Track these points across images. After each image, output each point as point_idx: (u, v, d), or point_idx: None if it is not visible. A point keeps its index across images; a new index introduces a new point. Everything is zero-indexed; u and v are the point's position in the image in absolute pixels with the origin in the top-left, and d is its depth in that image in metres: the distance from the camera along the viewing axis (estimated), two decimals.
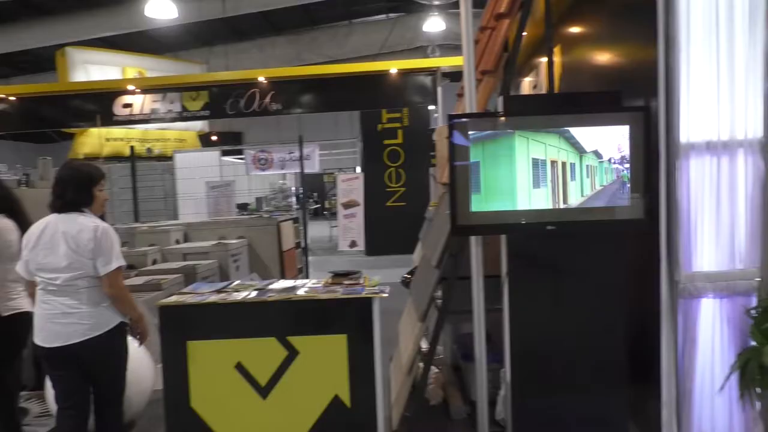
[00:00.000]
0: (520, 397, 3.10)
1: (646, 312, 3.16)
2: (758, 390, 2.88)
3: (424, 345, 3.89)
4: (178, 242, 7.27)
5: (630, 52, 3.57)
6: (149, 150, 12.80)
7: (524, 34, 4.74)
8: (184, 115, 9.05)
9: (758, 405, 2.96)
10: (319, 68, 10.25)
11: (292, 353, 3.22)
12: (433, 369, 3.99)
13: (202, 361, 3.22)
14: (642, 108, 3.01)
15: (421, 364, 3.66)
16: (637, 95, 3.19)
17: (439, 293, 3.56)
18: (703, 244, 2.97)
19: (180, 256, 6.53)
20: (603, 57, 4.02)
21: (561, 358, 3.09)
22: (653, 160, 2.98)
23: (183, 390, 3.21)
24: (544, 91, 4.63)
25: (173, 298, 3.33)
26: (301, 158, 9.76)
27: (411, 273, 5.13)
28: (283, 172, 11.89)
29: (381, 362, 3.21)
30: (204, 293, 3.39)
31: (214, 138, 17.17)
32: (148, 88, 9.10)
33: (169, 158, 11.59)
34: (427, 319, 3.61)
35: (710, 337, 2.98)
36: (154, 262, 6.39)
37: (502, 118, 3.07)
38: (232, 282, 3.71)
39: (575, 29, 4.52)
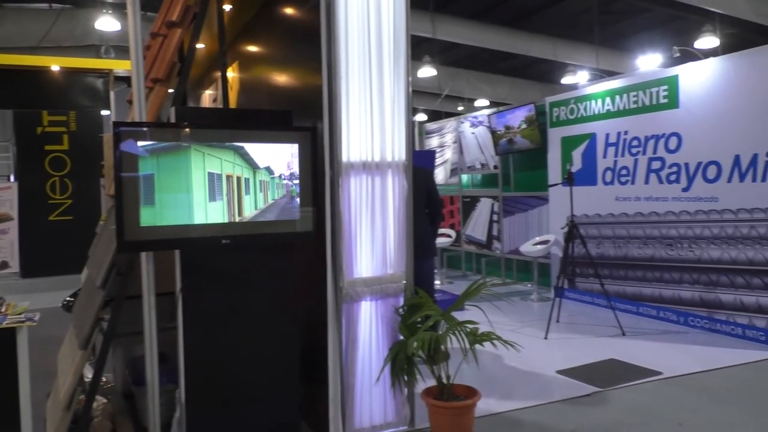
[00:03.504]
0: (195, 416, 3.02)
1: (315, 317, 3.39)
2: (405, 378, 3.35)
3: (90, 374, 3.49)
4: None
5: (300, 76, 3.82)
6: None
7: (202, 46, 4.70)
8: None
9: (406, 391, 3.44)
10: None
11: None
12: (101, 399, 3.61)
13: None
14: (309, 128, 3.24)
15: (84, 396, 3.28)
16: (307, 116, 3.43)
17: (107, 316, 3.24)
18: (362, 252, 3.34)
19: None
20: (277, 77, 4.22)
21: (237, 370, 3.11)
22: (320, 177, 3.23)
23: None
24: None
25: None
26: None
27: (75, 295, 4.57)
28: None
29: (30, 401, 2.78)
30: None
31: None
32: None
33: None
34: (91, 346, 3.25)
35: (368, 335, 3.36)
36: None
37: (185, 130, 2.96)
38: None
39: (252, 48, 4.66)
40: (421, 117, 19.00)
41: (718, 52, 9.71)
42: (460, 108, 20.40)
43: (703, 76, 5.60)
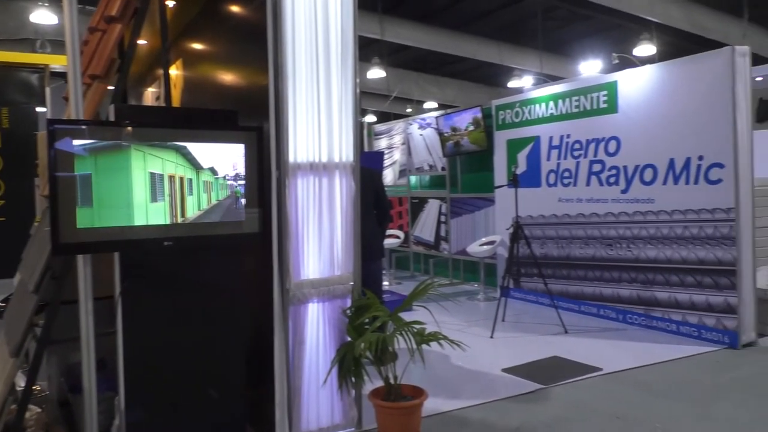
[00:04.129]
0: (136, 423, 2.93)
1: (263, 320, 3.34)
2: (353, 379, 3.34)
3: (23, 383, 3.34)
4: None
5: (246, 75, 3.77)
6: None
7: (144, 42, 4.57)
8: None
9: (353, 392, 3.43)
10: None
11: None
12: (34, 409, 3.46)
13: None
14: (255, 128, 3.19)
15: (15, 406, 3.13)
16: (253, 116, 3.37)
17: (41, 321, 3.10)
18: (309, 254, 3.31)
19: None
20: (222, 76, 4.14)
21: (180, 375, 3.04)
22: (266, 178, 3.19)
23: None
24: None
25: None
26: None
27: (6, 301, 4.36)
28: None
29: None
30: None
31: None
32: None
33: None
34: (24, 353, 3.11)
35: (315, 337, 3.33)
36: None
37: (127, 129, 2.87)
38: None
39: (197, 45, 4.56)
40: (370, 118, 19.05)
41: (655, 60, 10.11)
42: (409, 110, 20.55)
43: (640, 83, 5.83)
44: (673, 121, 5.50)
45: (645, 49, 12.29)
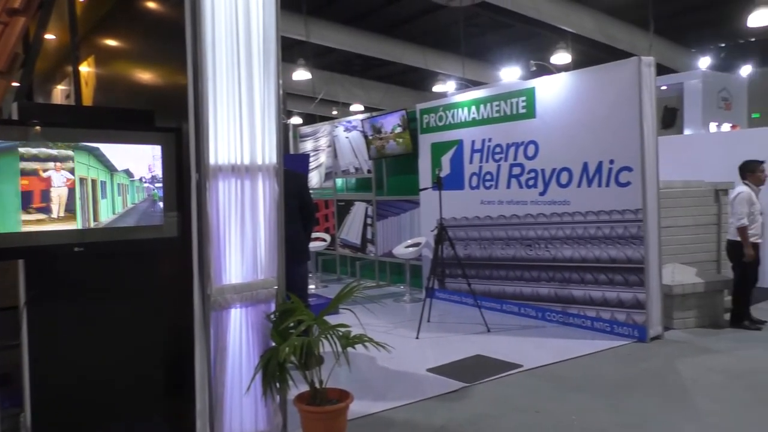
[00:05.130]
0: None
1: (183, 327, 3.23)
2: (278, 385, 3.29)
3: None
4: None
5: (164, 74, 3.64)
6: None
7: (52, 37, 4.33)
8: None
9: (278, 398, 3.38)
10: None
11: None
12: None
13: None
14: (174, 129, 3.09)
15: None
16: (171, 117, 3.26)
17: None
18: (231, 258, 3.23)
19: None
20: (138, 74, 3.99)
21: (93, 388, 2.89)
22: (185, 180, 3.09)
23: None
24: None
25: None
26: None
27: None
28: None
29: None
30: None
31: None
32: None
33: None
34: None
35: (238, 343, 3.25)
36: None
37: (35, 128, 2.70)
38: None
39: (110, 42, 4.36)
40: (296, 120, 18.88)
41: (570, 68, 10.59)
42: (335, 112, 20.52)
43: (556, 89, 6.08)
44: (587, 126, 5.77)
45: (561, 57, 12.85)
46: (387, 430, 3.64)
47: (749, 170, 5.87)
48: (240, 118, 3.21)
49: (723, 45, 17.50)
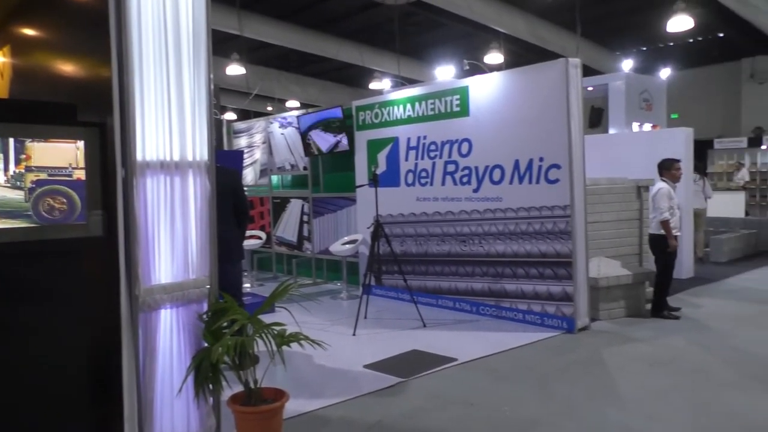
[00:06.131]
0: None
1: (109, 330, 3.10)
2: (211, 386, 3.22)
3: None
4: None
5: (87, 66, 3.47)
6: None
7: None
8: None
9: (211, 400, 3.30)
10: None
11: None
12: None
13: None
14: (98, 124, 2.96)
15: None
16: (95, 111, 3.12)
17: None
18: (161, 257, 3.12)
19: None
20: (59, 66, 3.79)
21: (6, 400, 2.73)
22: (111, 177, 2.97)
23: None
24: None
25: None
26: None
27: None
28: None
29: None
30: None
31: None
32: None
33: None
34: None
35: (169, 345, 3.15)
36: None
37: None
38: None
39: (28, 30, 4.13)
40: (230, 116, 18.47)
41: (503, 67, 10.87)
42: (270, 108, 20.23)
43: (489, 88, 6.21)
44: (518, 124, 5.93)
45: (494, 57, 13.15)
46: (323, 428, 3.63)
47: (666, 168, 6.20)
48: (169, 112, 3.11)
49: (644, 48, 18.39)
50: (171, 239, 3.15)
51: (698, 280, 8.10)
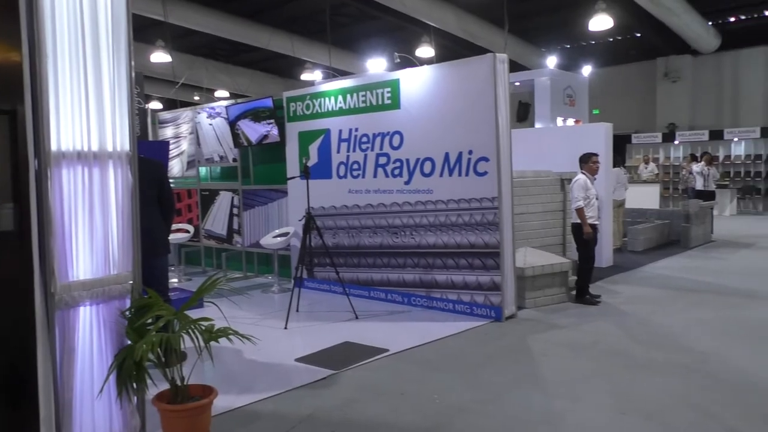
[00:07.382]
0: None
1: (23, 329, 2.94)
2: (134, 385, 3.11)
3: None
4: None
5: None
6: None
7: None
8: None
9: (135, 399, 3.19)
10: None
11: None
12: None
13: None
14: (7, 112, 2.78)
15: None
16: (4, 98, 2.93)
17: None
18: (79, 252, 2.98)
19: None
20: None
21: None
22: (22, 168, 2.80)
23: None
24: None
25: None
26: None
27: None
28: None
29: None
30: None
31: None
32: None
33: None
34: None
35: (89, 343, 3.02)
36: None
37: None
38: None
39: None
40: (156, 105, 17.82)
41: (434, 61, 10.99)
42: (197, 98, 19.67)
43: (419, 82, 6.27)
44: (447, 117, 6.03)
45: (425, 50, 13.28)
46: (253, 423, 3.58)
47: (584, 161, 6.50)
48: (87, 100, 2.96)
49: (568, 46, 19.09)
50: (90, 233, 3.01)
51: (616, 268, 8.51)
